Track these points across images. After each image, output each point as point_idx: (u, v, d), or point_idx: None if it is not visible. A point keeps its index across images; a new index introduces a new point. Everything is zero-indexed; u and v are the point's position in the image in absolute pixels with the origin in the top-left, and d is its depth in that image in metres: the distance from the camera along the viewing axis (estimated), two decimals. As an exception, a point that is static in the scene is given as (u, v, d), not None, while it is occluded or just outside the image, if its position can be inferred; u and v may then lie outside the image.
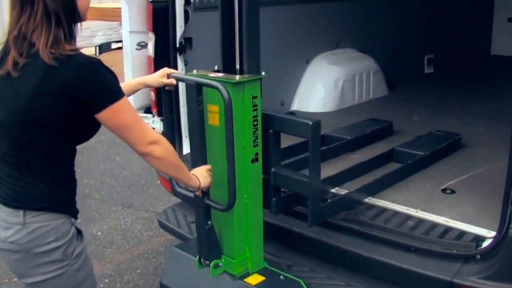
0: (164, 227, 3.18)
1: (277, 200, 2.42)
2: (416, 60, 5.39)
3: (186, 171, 2.05)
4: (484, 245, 2.12)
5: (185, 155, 3.10)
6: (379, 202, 2.59)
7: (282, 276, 2.31)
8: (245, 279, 2.28)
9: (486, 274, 2.06)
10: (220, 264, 2.30)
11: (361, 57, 4.58)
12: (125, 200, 4.88)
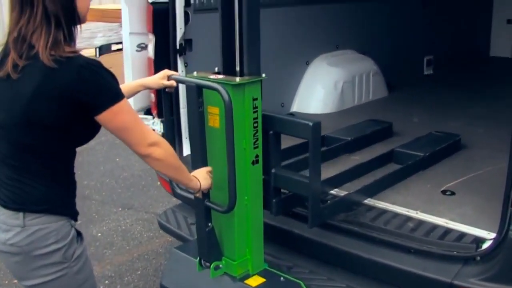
0: (164, 229, 3.18)
1: (278, 201, 2.43)
2: (416, 62, 5.40)
3: (187, 173, 2.05)
4: (484, 247, 2.12)
5: (185, 157, 3.11)
6: (379, 204, 2.60)
7: (283, 278, 2.31)
8: (246, 281, 2.28)
9: (486, 276, 2.06)
10: (221, 266, 2.30)
11: (361, 59, 4.59)
12: (125, 201, 4.88)
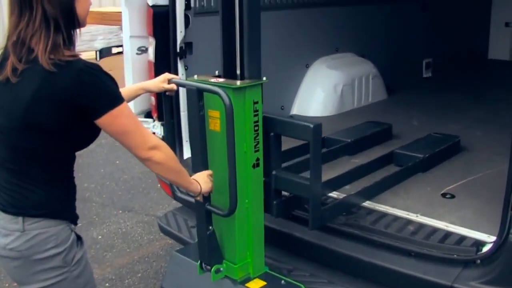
0: (165, 232, 3.18)
1: (278, 203, 2.43)
2: (415, 64, 5.41)
3: (187, 176, 2.04)
4: (484, 250, 2.12)
5: (186, 160, 3.11)
6: (380, 207, 2.60)
7: (283, 281, 2.31)
8: (247, 284, 2.29)
9: (486, 279, 2.06)
10: (221, 269, 2.30)
11: (360, 62, 4.60)
12: (126, 204, 4.88)
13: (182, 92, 3.01)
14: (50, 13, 1.67)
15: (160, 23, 3.13)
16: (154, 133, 3.15)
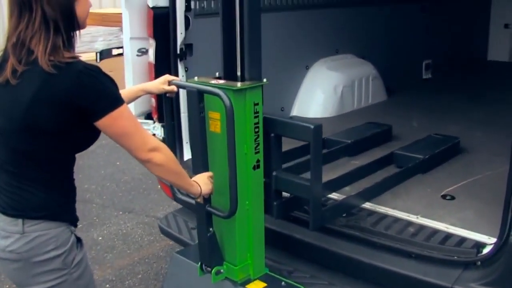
0: (165, 233, 3.18)
1: (278, 204, 2.43)
2: (414, 66, 5.41)
3: (187, 178, 2.04)
4: (485, 252, 2.12)
5: (186, 161, 3.11)
6: (380, 209, 2.60)
7: (284, 283, 2.31)
8: (247, 286, 2.29)
9: (487, 281, 2.06)
10: (222, 271, 2.30)
11: (360, 63, 4.61)
12: (126, 205, 4.88)
13: (183, 94, 3.01)
14: (50, 15, 1.67)
15: (161, 25, 3.13)
16: (155, 135, 3.16)
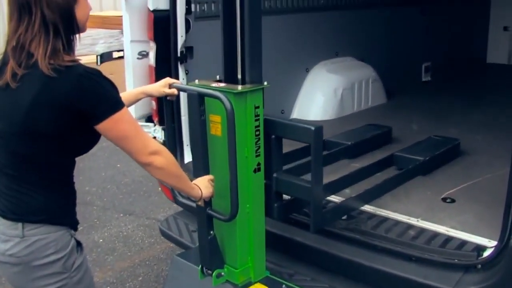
0: (166, 236, 3.18)
1: (279, 206, 2.44)
2: (414, 68, 5.42)
3: (188, 181, 2.04)
4: (485, 255, 2.13)
5: (187, 164, 3.11)
6: (380, 212, 2.61)
7: (284, 285, 2.31)
8: (248, 288, 2.29)
9: (487, 284, 2.06)
10: (223, 274, 2.30)
11: (360, 66, 4.62)
12: (127, 207, 4.88)
13: (183, 97, 3.02)
14: (49, 18, 1.67)
15: (161, 28, 3.13)
16: (155, 138, 3.16)
